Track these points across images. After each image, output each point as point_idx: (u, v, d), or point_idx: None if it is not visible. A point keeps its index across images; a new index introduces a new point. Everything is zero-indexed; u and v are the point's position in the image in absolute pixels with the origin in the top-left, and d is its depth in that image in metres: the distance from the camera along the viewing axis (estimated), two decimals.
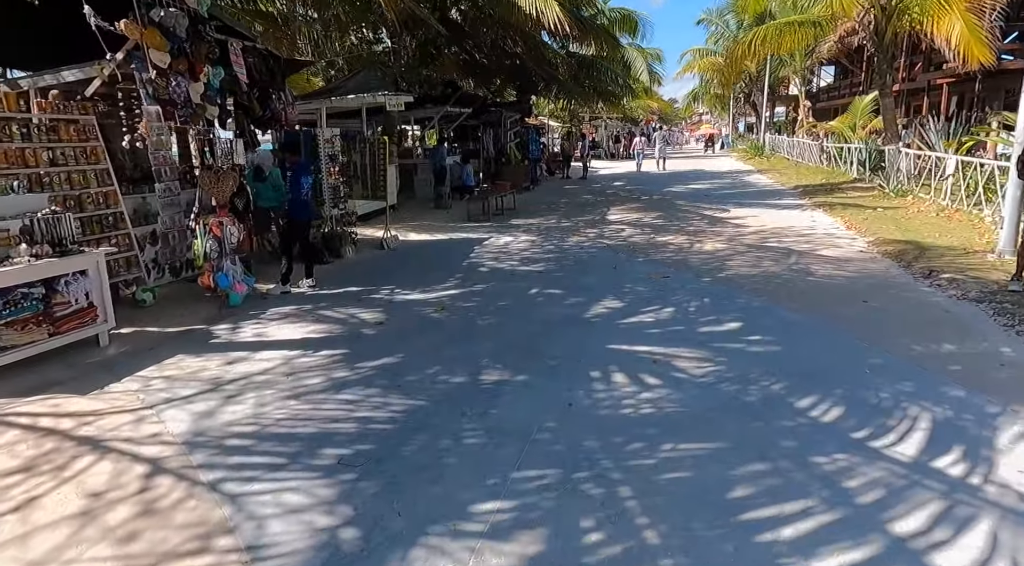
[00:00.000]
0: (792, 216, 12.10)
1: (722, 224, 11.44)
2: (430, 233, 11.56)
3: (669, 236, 10.31)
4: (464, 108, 18.31)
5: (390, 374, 4.63)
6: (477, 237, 10.95)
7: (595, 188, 20.08)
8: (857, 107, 20.63)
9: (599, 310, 6.14)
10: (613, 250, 9.27)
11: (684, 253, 8.85)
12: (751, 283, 6.97)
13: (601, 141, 41.00)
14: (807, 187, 17.07)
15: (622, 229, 11.28)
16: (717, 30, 40.26)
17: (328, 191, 9.09)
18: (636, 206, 14.77)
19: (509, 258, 8.95)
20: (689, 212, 13.29)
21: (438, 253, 9.69)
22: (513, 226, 12.15)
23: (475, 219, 13.19)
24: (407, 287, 7.30)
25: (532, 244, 10.03)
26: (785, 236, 9.84)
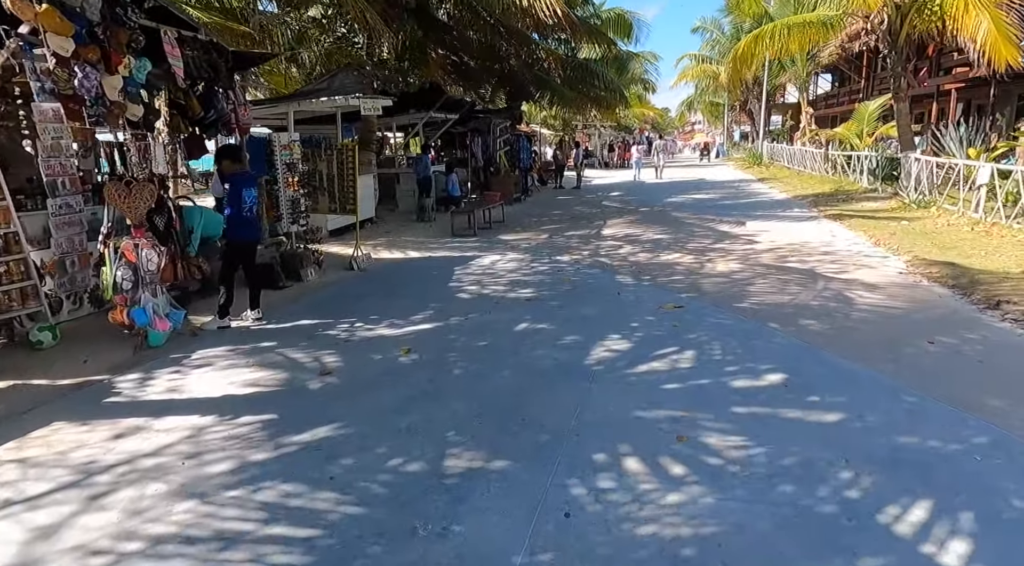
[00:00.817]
0: (808, 230, 11.00)
1: (732, 239, 10.32)
2: (409, 250, 10.39)
3: (675, 254, 9.17)
4: (450, 114, 17.19)
5: (325, 455, 3.44)
6: (460, 255, 9.78)
7: (590, 199, 18.99)
8: (863, 113, 19.66)
9: (601, 353, 4.97)
10: (613, 271, 8.12)
11: (695, 275, 7.71)
12: (781, 316, 5.82)
13: (595, 150, 40.10)
14: (816, 197, 16.02)
15: (622, 246, 10.14)
16: (712, 37, 39.56)
17: (286, 205, 7.91)
18: (635, 219, 13.65)
19: (495, 282, 7.77)
20: (694, 226, 12.18)
21: (414, 275, 8.51)
22: (501, 242, 10.99)
23: (460, 234, 12.03)
24: (372, 320, 6.11)
25: (521, 264, 8.86)
26: (807, 254, 8.72)
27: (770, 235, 10.61)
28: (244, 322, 6.16)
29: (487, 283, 7.72)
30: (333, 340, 5.53)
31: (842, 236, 10.17)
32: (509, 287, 7.44)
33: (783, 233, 10.79)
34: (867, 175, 17.08)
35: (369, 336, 5.65)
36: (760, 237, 10.43)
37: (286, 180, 7.83)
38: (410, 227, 13.24)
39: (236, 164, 6.02)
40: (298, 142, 7.96)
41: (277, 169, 7.73)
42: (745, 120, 49.50)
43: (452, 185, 15.29)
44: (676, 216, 13.88)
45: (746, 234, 10.84)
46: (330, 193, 9.01)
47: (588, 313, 6.16)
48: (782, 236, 10.44)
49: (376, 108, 11.94)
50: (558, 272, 8.19)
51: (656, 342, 5.19)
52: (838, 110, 33.23)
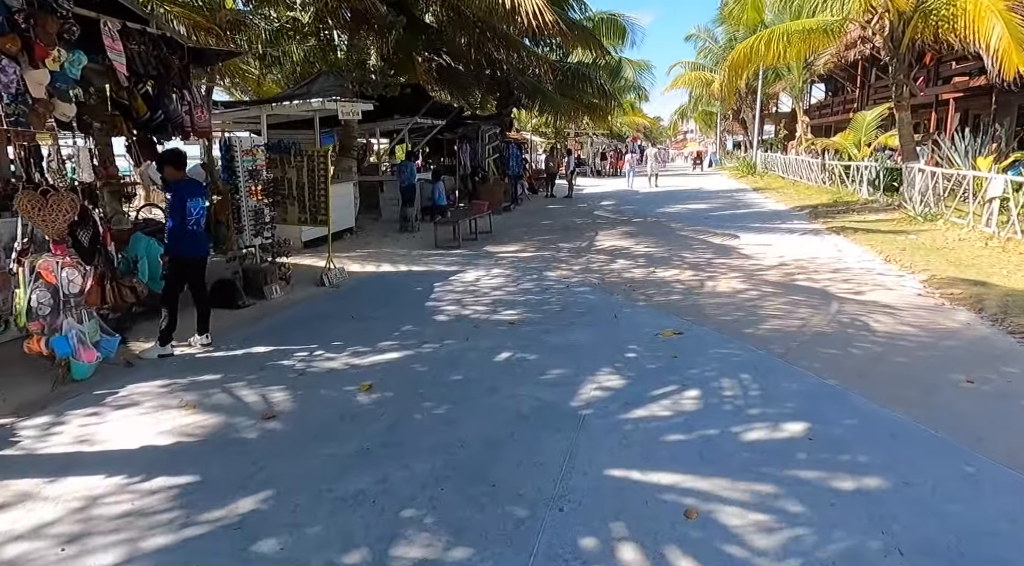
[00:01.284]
0: (812, 244, 10.40)
1: (733, 254, 9.70)
2: (388, 264, 9.70)
3: (672, 270, 8.53)
4: (437, 120, 16.57)
5: (244, 536, 2.74)
6: (442, 270, 9.10)
7: (582, 208, 18.37)
8: (861, 123, 19.18)
9: (591, 392, 4.29)
10: (606, 290, 7.46)
11: (695, 295, 7.06)
12: (796, 346, 5.17)
13: (587, 158, 39.63)
14: (815, 208, 15.47)
15: (615, 260, 9.49)
16: (705, 45, 39.23)
17: (248, 215, 7.21)
18: (629, 230, 13.02)
19: (476, 301, 7.10)
20: (691, 239, 11.56)
21: (389, 293, 7.82)
22: (487, 255, 10.33)
23: (444, 246, 11.36)
24: (335, 346, 5.42)
25: (507, 280, 8.19)
26: (815, 271, 8.10)
27: (773, 249, 10.00)
28: (192, 348, 5.46)
29: (468, 302, 7.04)
30: (286, 372, 4.83)
31: (850, 251, 9.57)
32: (492, 308, 6.76)
33: (787, 247, 10.19)
34: (867, 186, 16.57)
35: (328, 367, 4.95)
36: (763, 251, 9.82)
37: (248, 188, 7.13)
38: (392, 238, 12.56)
39: (180, 171, 5.32)
40: (262, 147, 7.27)
41: (239, 176, 7.03)
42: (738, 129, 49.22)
43: (438, 194, 14.62)
44: (672, 227, 13.27)
45: (748, 248, 10.23)
46: (300, 203, 8.31)
47: (577, 340, 5.49)
48: (786, 250, 9.83)
49: (355, 112, 11.29)
50: (546, 290, 7.53)
51: (654, 378, 4.52)
52: (832, 120, 32.89)
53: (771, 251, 9.81)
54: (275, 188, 8.11)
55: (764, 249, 10.04)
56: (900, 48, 13.77)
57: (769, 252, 9.73)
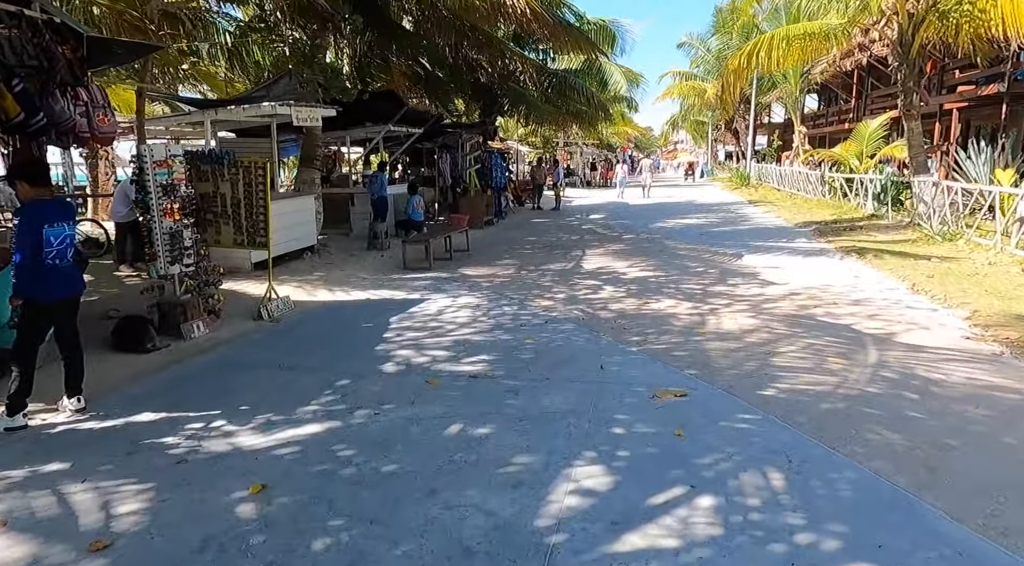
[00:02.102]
0: (824, 267, 9.29)
1: (737, 279, 8.57)
2: (346, 290, 8.49)
3: (669, 300, 7.38)
4: (413, 128, 15.41)
5: None
6: (405, 298, 7.92)
7: (569, 222, 17.25)
8: (863, 133, 18.24)
9: (565, 499, 3.10)
10: (592, 327, 6.29)
11: (697, 337, 5.90)
12: (832, 416, 4.01)
13: (576, 168, 38.68)
14: (819, 225, 14.42)
15: (603, 286, 8.34)
16: (698, 54, 38.52)
17: (163, 239, 5.99)
18: (619, 249, 11.89)
19: (436, 343, 5.90)
20: (688, 259, 10.44)
21: (336, 330, 6.61)
22: (459, 279, 9.15)
23: (413, 267, 10.18)
24: (242, 413, 4.21)
25: (476, 313, 7.01)
26: (832, 303, 6.96)
27: (781, 273, 8.88)
28: (60, 415, 4.24)
29: (426, 344, 5.84)
30: (162, 458, 3.61)
31: (868, 277, 8.46)
32: (453, 352, 5.57)
33: (795, 271, 9.07)
34: (872, 200, 15.55)
35: (220, 450, 3.73)
36: (770, 276, 8.69)
37: (163, 207, 5.91)
38: (359, 257, 11.34)
39: (39, 187, 4.10)
40: (179, 157, 6.06)
41: (150, 193, 5.82)
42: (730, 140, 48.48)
43: (413, 208, 13.44)
44: (666, 245, 12.15)
45: (752, 271, 9.11)
46: (236, 222, 7.10)
47: (552, 404, 4.31)
48: (795, 275, 8.71)
49: (314, 118, 10.11)
50: (521, 327, 6.34)
51: (653, 472, 3.34)
52: (827, 130, 32.11)
53: (778, 276, 8.69)
54: (203, 206, 6.91)
55: (770, 273, 8.92)
56: (910, 53, 12.78)
57: (776, 277, 8.61)
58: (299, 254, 10.98)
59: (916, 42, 12.50)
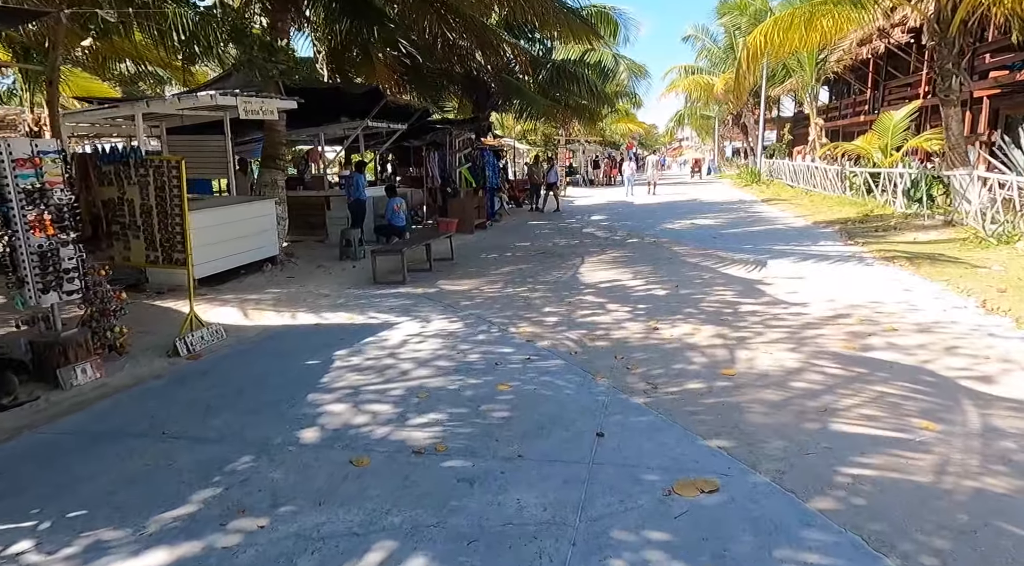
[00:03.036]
0: (865, 278, 7.86)
1: (762, 294, 7.15)
2: (299, 312, 7.14)
3: (684, 325, 5.98)
4: (395, 123, 14.06)
5: None
6: (365, 323, 6.56)
7: (570, 225, 15.85)
8: (887, 124, 16.74)
9: None
10: (586, 367, 4.90)
11: (725, 382, 4.49)
12: (952, 532, 2.62)
13: (579, 167, 37.31)
14: (844, 224, 12.96)
15: (603, 306, 6.94)
16: (704, 46, 37.05)
17: (30, 260, 4.64)
18: (622, 256, 10.49)
19: (383, 392, 4.53)
20: (702, 268, 9.03)
21: (264, 371, 5.23)
22: (435, 296, 7.78)
23: (385, 281, 8.81)
24: (68, 523, 2.87)
25: (444, 345, 5.63)
26: (893, 330, 5.54)
27: (814, 286, 7.47)
28: None
29: (368, 394, 4.47)
30: None
31: (922, 291, 7.02)
32: (400, 408, 4.19)
33: (831, 282, 7.66)
34: (902, 197, 14.08)
35: None
36: (801, 289, 7.28)
37: (28, 220, 4.56)
38: (327, 269, 10.00)
39: None
40: (52, 155, 4.70)
41: (9, 201, 4.48)
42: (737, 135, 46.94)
43: (393, 212, 12.09)
44: (676, 252, 10.74)
45: (779, 283, 7.70)
46: (147, 234, 5.75)
47: (521, 509, 2.92)
48: (832, 288, 7.30)
49: (268, 111, 8.76)
50: (495, 368, 4.96)
51: None
52: (840, 123, 30.58)
53: (812, 289, 7.28)
54: (106, 215, 5.56)
55: (801, 286, 7.51)
56: (948, 31, 11.33)
57: (810, 291, 7.19)
58: (258, 266, 9.66)
59: (956, 18, 11.05)
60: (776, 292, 7.25)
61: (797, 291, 7.23)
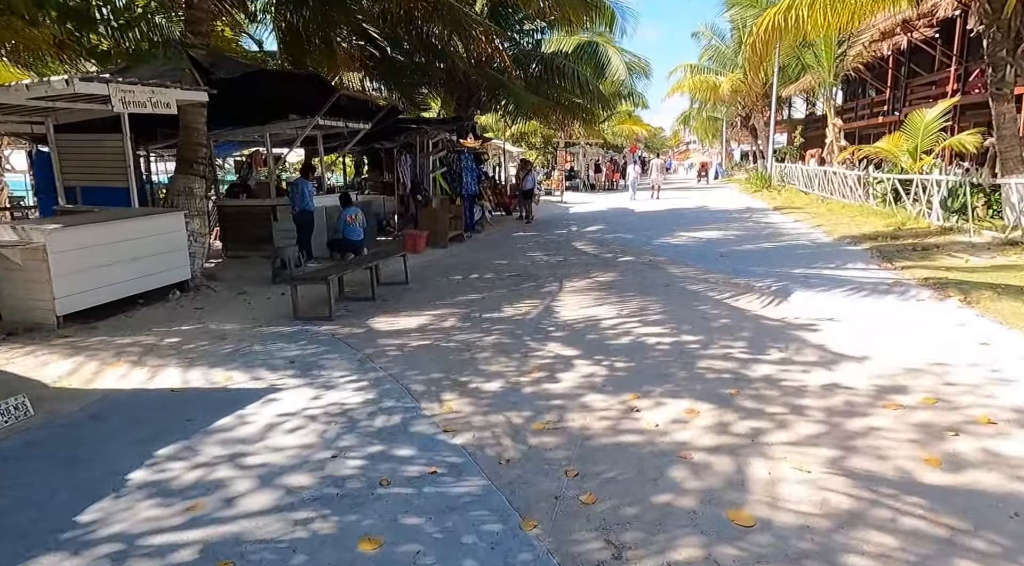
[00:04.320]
0: (916, 320, 6.02)
1: (787, 347, 5.32)
2: (165, 366, 5.39)
3: (672, 404, 4.18)
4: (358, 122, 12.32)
5: None
6: (238, 389, 4.81)
7: (557, 237, 14.08)
8: (918, 124, 14.86)
9: None
10: (513, 500, 3.09)
11: (731, 539, 2.69)
12: None
13: (579, 171, 35.55)
14: (874, 240, 11.10)
15: (567, 365, 5.13)
16: (711, 44, 35.32)
17: None
18: (609, 281, 8.69)
19: (174, 548, 2.75)
20: (703, 300, 7.22)
21: (29, 493, 3.45)
22: (356, 342, 6.00)
23: (310, 314, 7.07)
24: None
25: (319, 443, 3.83)
26: (990, 428, 3.68)
27: (850, 332, 5.65)
28: None
29: (137, 560, 2.69)
30: None
31: (1002, 342, 5.18)
32: None
33: (873, 326, 5.83)
34: (938, 207, 12.21)
35: None
36: (834, 338, 5.46)
37: None
38: (250, 297, 8.27)
39: None
40: None
41: None
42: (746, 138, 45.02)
43: (346, 224, 10.35)
44: (674, 275, 8.94)
45: (806, 326, 5.88)
46: None
47: None
48: (876, 336, 5.47)
49: (164, 104, 7.02)
50: (372, 494, 3.17)
51: None
52: (856, 125, 28.68)
53: (848, 338, 5.46)
54: None
55: (833, 332, 5.69)
56: (1003, 12, 9.48)
57: (846, 340, 5.37)
58: (164, 293, 7.94)
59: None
60: (801, 343, 5.43)
61: (828, 341, 5.40)
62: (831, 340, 5.46)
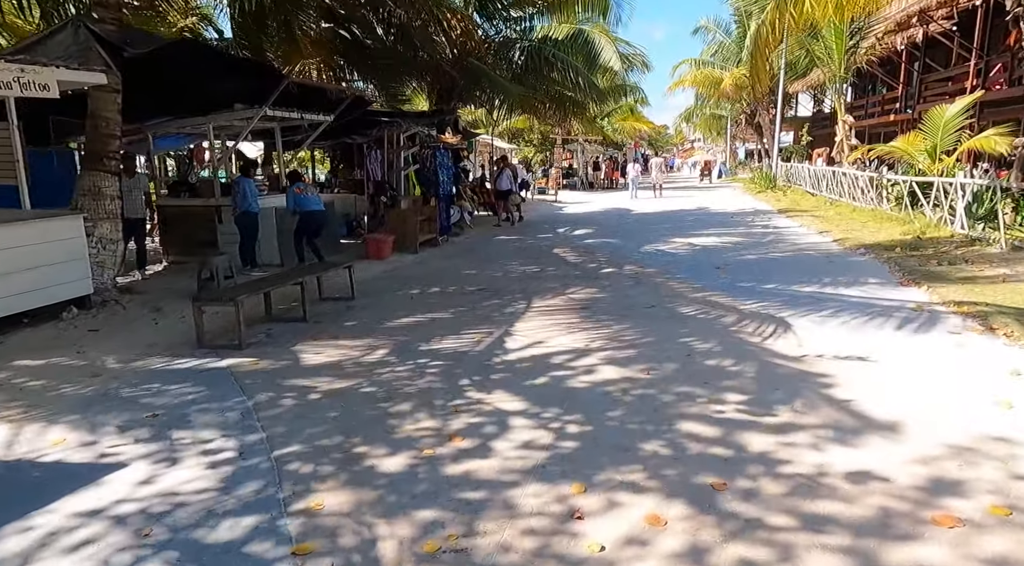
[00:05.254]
0: (958, 368, 4.73)
1: (785, 410, 4.07)
2: (13, 415, 4.18)
3: (631, 504, 2.94)
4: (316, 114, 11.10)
5: None
6: (58, 464, 3.60)
7: (540, 242, 12.87)
8: (937, 121, 13.56)
9: None
10: None
11: None
12: None
13: (577, 169, 34.31)
14: (891, 252, 9.80)
15: (501, 429, 3.89)
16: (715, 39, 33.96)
17: None
18: (584, 299, 7.45)
19: None
20: (691, 328, 5.97)
21: None
22: (258, 382, 4.78)
23: (216, 344, 5.85)
24: None
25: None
26: None
27: (876, 382, 4.41)
28: None
29: None
30: None
31: None
32: None
33: (899, 376, 4.58)
34: (962, 214, 10.93)
35: None
36: (857, 390, 4.21)
37: None
38: (161, 316, 7.05)
39: None
40: None
41: None
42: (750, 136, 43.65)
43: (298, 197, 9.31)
44: (662, 292, 7.71)
45: (817, 374, 4.63)
46: None
47: None
48: (905, 392, 4.23)
49: (39, 85, 5.81)
50: None
51: None
52: (866, 123, 27.33)
53: (869, 387, 4.22)
54: None
55: (850, 376, 4.46)
56: None
57: (868, 392, 4.13)
58: (58, 311, 6.76)
59: None
60: (811, 395, 4.19)
61: (846, 394, 4.16)
62: (850, 391, 4.22)
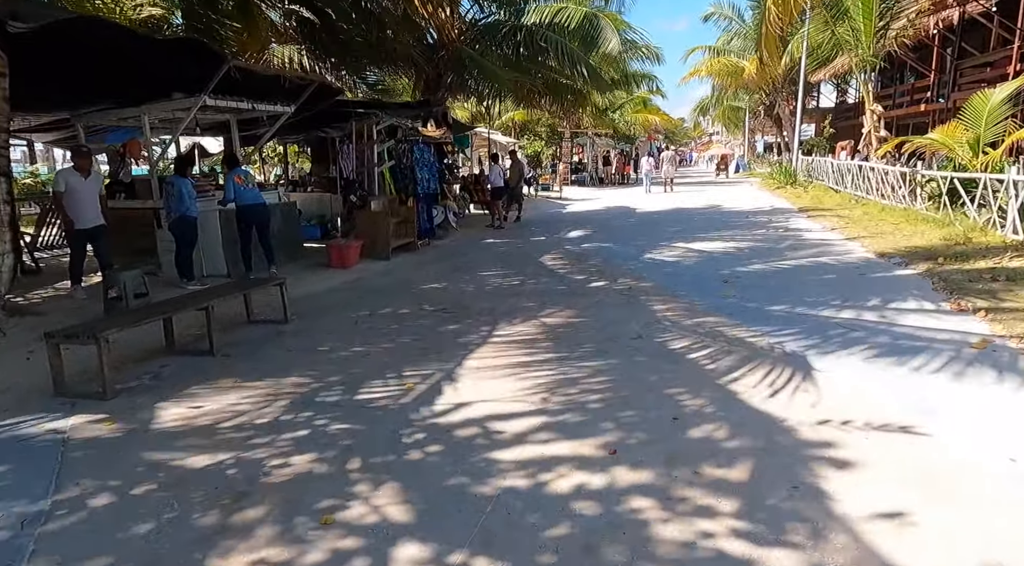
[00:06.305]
0: None
1: (810, 532, 2.71)
2: None
3: None
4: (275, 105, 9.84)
5: None
6: None
7: (530, 247, 11.55)
8: (980, 110, 11.99)
9: None
10: None
11: None
12: None
13: (587, 164, 32.87)
14: (931, 261, 8.29)
15: (385, 557, 2.60)
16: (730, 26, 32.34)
17: None
18: (561, 325, 6.10)
19: None
20: (684, 375, 4.60)
21: None
22: (87, 462, 3.48)
23: (79, 391, 4.62)
24: None
25: None
26: None
27: (928, 480, 3.04)
28: None
29: None
30: None
31: None
32: None
33: (971, 474, 3.20)
34: (1015, 217, 9.39)
35: None
36: (909, 501, 2.85)
37: None
38: (42, 347, 5.82)
39: None
40: None
41: None
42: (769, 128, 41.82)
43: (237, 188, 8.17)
44: (654, 317, 6.33)
45: (841, 446, 3.26)
46: None
47: None
48: (984, 506, 2.86)
49: None
50: None
51: None
52: (894, 114, 25.57)
53: (927, 497, 2.85)
54: None
55: (893, 467, 3.08)
56: None
57: (919, 499, 2.76)
58: None
59: None
60: (841, 512, 2.83)
61: (893, 504, 2.79)
62: (886, 494, 2.85)
